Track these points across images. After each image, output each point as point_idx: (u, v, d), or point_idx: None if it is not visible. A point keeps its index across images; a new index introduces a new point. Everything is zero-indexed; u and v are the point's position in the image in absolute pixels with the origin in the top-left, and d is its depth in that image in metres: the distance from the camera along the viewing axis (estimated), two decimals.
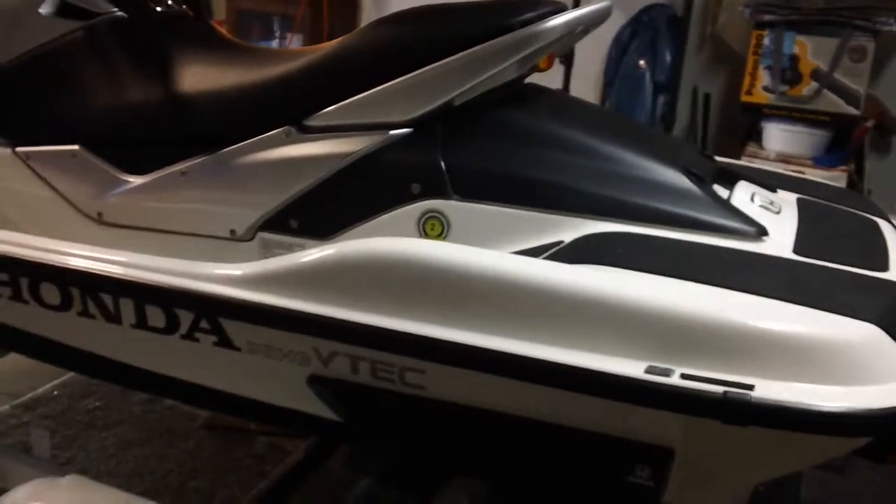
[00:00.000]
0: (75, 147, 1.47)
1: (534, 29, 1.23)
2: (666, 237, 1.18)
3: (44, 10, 1.50)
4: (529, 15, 1.24)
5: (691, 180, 1.24)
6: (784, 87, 2.94)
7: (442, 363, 1.08)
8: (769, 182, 1.45)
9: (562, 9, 1.28)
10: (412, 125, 1.27)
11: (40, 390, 2.19)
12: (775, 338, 0.99)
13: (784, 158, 2.93)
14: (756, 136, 3.07)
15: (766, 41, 2.93)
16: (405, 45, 1.28)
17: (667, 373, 0.99)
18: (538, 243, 1.21)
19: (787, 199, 1.41)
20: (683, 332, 1.01)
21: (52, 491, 1.23)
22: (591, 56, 3.41)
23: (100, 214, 1.47)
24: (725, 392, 0.95)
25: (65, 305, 1.31)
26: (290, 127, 1.33)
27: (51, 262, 1.28)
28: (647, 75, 3.26)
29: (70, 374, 2.26)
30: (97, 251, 1.28)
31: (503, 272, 1.07)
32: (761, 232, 1.19)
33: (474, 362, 1.06)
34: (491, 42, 1.23)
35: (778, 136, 2.98)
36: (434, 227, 1.27)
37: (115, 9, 1.52)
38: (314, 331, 1.14)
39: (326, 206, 1.32)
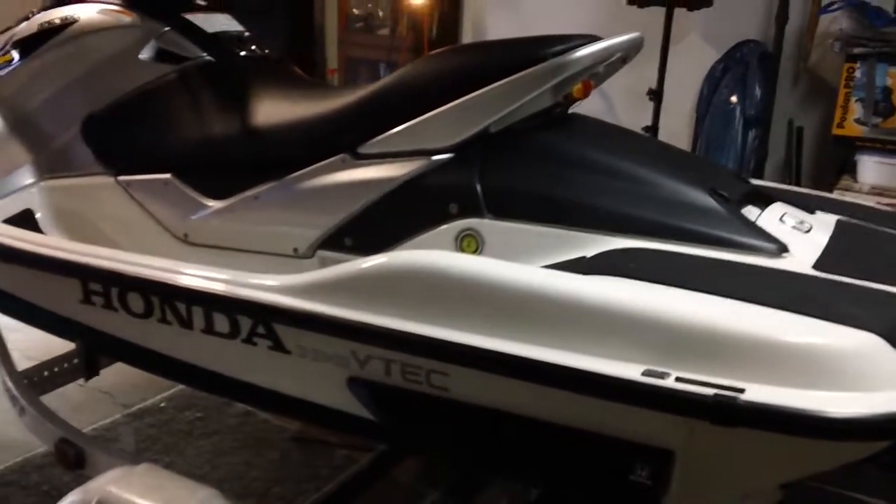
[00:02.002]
0: (167, 176, 1.66)
1: (563, 59, 1.33)
2: (682, 252, 1.24)
3: (143, 55, 1.72)
4: (560, 47, 1.34)
5: (716, 200, 1.30)
6: (877, 120, 2.88)
7: (458, 364, 1.18)
8: (809, 204, 1.48)
9: (594, 40, 1.37)
10: (452, 150, 1.39)
11: (149, 402, 2.41)
12: (772, 345, 1.03)
13: (879, 191, 2.87)
14: (850, 168, 3.01)
15: (857, 74, 2.89)
16: (445, 78, 1.41)
17: (662, 376, 1.04)
18: (563, 258, 1.30)
19: (825, 220, 1.44)
20: (684, 338, 1.06)
21: (128, 477, 1.40)
22: (683, 92, 3.45)
23: (186, 235, 1.66)
24: (715, 394, 1.00)
25: (147, 313, 1.48)
26: (346, 154, 1.47)
27: (134, 274, 1.45)
28: (738, 110, 3.27)
29: (176, 388, 2.47)
30: (173, 265, 1.45)
31: (511, 280, 1.16)
32: (781, 249, 1.24)
33: (484, 363, 1.14)
34: (523, 72, 1.33)
35: (872, 169, 2.92)
36: (470, 244, 1.37)
37: (205, 54, 1.72)
38: (350, 335, 1.26)
39: (376, 226, 1.45)
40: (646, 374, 1.05)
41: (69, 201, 1.79)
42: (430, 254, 1.25)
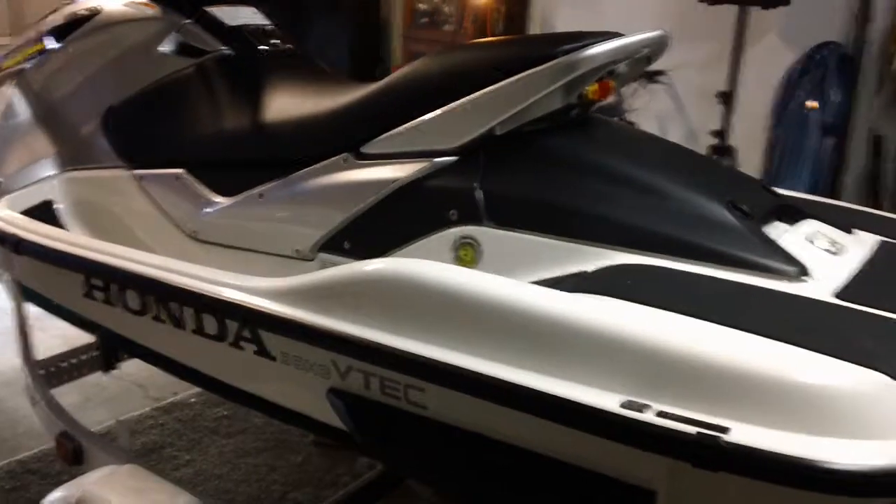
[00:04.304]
0: (179, 171, 1.63)
1: (572, 57, 1.23)
2: (686, 271, 1.13)
3: (163, 48, 1.69)
4: (572, 45, 1.24)
5: (734, 215, 1.18)
6: None
7: (432, 381, 1.10)
8: (849, 222, 1.35)
9: (612, 37, 1.27)
10: (455, 153, 1.31)
11: (180, 396, 2.41)
12: (765, 381, 0.92)
13: None
14: None
15: None
16: (449, 76, 1.33)
17: (641, 408, 0.95)
18: (563, 272, 1.20)
19: (863, 241, 1.30)
20: (670, 369, 0.96)
21: (112, 476, 1.40)
22: (758, 95, 3.27)
23: (195, 232, 1.62)
24: (697, 433, 0.90)
25: (142, 310, 1.45)
26: (349, 153, 1.40)
27: (129, 270, 1.42)
28: (815, 116, 3.07)
29: None
30: (167, 262, 1.41)
31: (493, 296, 1.07)
32: (801, 272, 1.11)
33: (455, 381, 1.06)
34: (529, 71, 1.24)
35: None
36: (467, 252, 1.29)
37: (224, 47, 1.68)
38: (328, 344, 1.19)
39: (374, 229, 1.38)
40: (625, 405, 0.96)
41: (88, 193, 1.78)
42: (408, 263, 1.17)
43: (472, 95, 1.28)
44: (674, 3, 3.41)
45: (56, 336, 2.48)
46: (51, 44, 1.79)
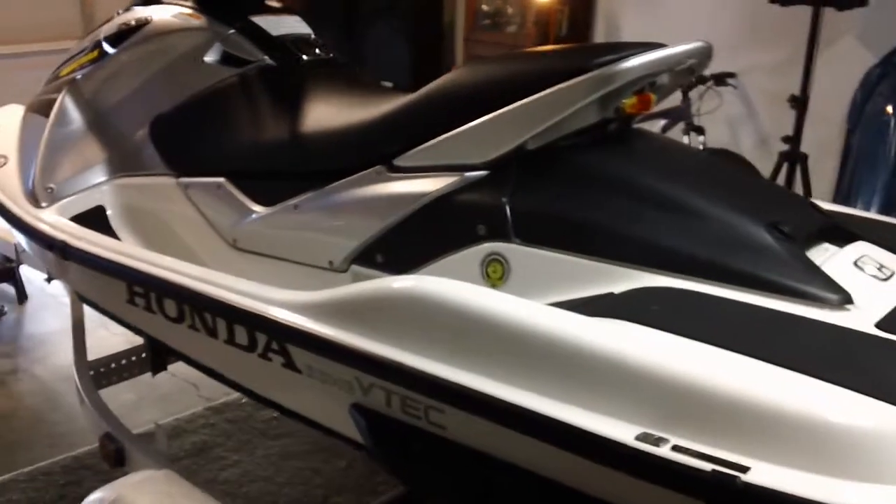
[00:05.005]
0: (221, 179, 1.64)
1: (607, 70, 1.19)
2: (719, 296, 1.08)
3: (208, 58, 1.71)
4: (608, 56, 1.20)
5: (774, 237, 1.13)
6: None
7: (449, 403, 1.08)
8: None
9: (650, 49, 1.22)
10: (488, 167, 1.28)
11: (232, 397, 2.44)
12: (790, 419, 0.87)
13: None
14: None
15: None
16: (482, 88, 1.30)
17: (657, 442, 0.91)
18: (591, 292, 1.17)
19: None
20: (690, 402, 0.92)
21: (147, 482, 1.43)
22: (834, 100, 3.13)
23: (235, 240, 1.63)
24: (713, 470, 0.86)
25: (179, 318, 1.47)
26: (382, 166, 1.39)
27: (167, 279, 1.44)
28: (893, 122, 2.93)
29: None
30: (203, 272, 1.42)
31: (513, 318, 1.05)
32: (844, 299, 1.05)
33: (471, 403, 1.05)
34: (561, 84, 1.20)
35: None
36: (496, 270, 1.26)
37: (266, 57, 1.69)
38: (350, 362, 1.18)
39: (405, 243, 1.37)
40: (640, 438, 0.92)
41: (137, 200, 1.81)
42: (431, 282, 1.15)
43: (503, 109, 1.25)
44: (744, 4, 3.30)
45: (119, 334, 2.55)
46: (103, 53, 1.83)
